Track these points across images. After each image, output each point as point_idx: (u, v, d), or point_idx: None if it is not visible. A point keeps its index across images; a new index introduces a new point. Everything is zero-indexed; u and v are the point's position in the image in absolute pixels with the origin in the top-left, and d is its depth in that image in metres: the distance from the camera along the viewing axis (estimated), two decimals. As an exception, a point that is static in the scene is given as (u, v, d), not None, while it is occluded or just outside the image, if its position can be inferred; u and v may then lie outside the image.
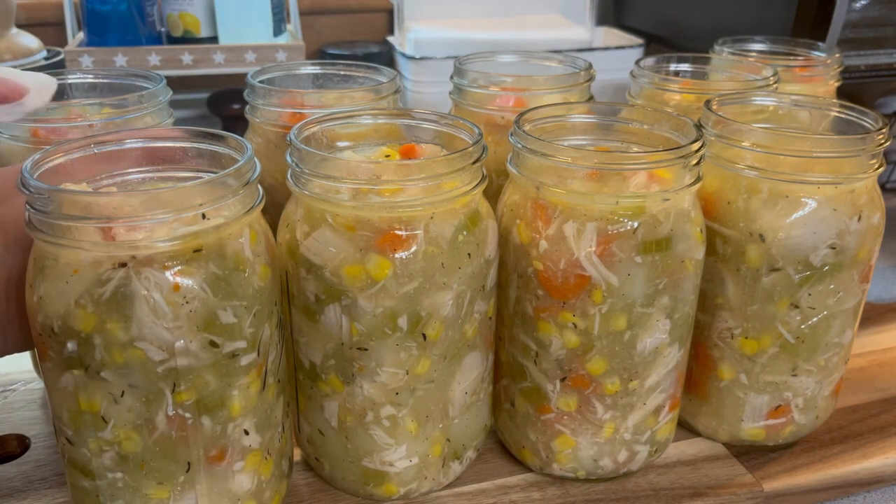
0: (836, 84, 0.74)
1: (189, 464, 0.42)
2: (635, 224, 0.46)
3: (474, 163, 0.45)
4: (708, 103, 0.54)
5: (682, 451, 0.58)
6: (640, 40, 1.15)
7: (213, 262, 0.40)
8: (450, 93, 0.64)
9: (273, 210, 0.49)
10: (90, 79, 0.60)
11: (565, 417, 0.51)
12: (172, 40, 1.05)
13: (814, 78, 0.73)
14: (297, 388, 0.51)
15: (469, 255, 0.46)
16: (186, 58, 1.01)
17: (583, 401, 0.50)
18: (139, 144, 0.44)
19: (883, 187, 0.77)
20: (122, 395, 0.40)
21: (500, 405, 0.56)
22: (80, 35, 1.07)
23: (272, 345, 0.44)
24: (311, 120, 0.49)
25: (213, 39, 1.04)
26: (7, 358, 0.45)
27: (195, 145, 0.45)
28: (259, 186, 0.43)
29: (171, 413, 0.41)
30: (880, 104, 1.00)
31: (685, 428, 0.59)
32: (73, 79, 0.59)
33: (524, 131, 0.48)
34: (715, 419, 0.57)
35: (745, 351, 0.54)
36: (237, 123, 1.16)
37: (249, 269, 0.41)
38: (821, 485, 0.56)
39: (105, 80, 0.60)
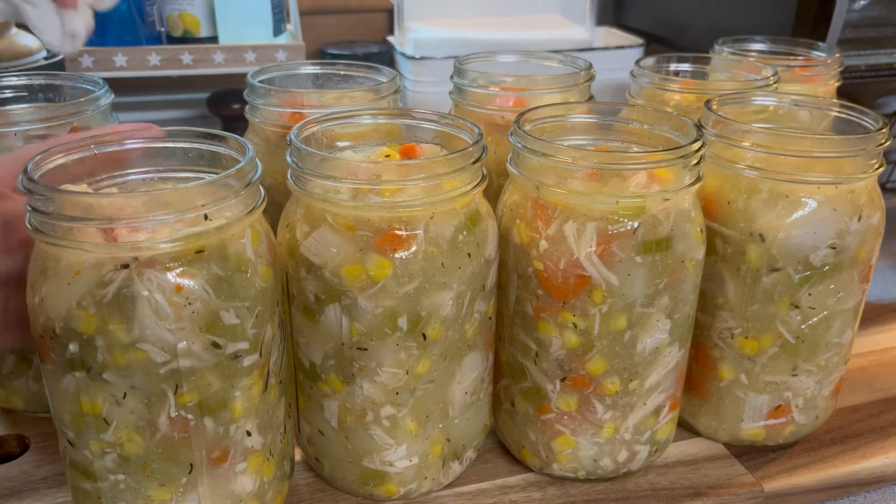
0: (836, 84, 0.74)
1: (191, 465, 0.42)
2: (635, 224, 0.46)
3: (474, 163, 0.45)
4: (708, 103, 0.54)
5: (682, 451, 0.58)
6: (640, 40, 1.14)
7: (216, 263, 0.40)
8: (450, 93, 0.64)
9: (273, 210, 0.49)
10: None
11: (565, 417, 0.51)
12: (172, 40, 1.05)
13: (814, 78, 0.73)
14: (297, 388, 0.51)
15: (469, 255, 0.46)
16: (186, 58, 1.01)
17: (583, 401, 0.50)
18: (139, 145, 0.45)
19: (883, 187, 0.77)
20: (124, 397, 0.40)
21: (500, 405, 0.56)
22: (80, 35, 1.07)
23: (274, 345, 0.44)
24: (311, 120, 0.49)
25: (213, 39, 1.04)
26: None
27: (196, 146, 0.45)
28: (260, 187, 0.43)
29: (173, 414, 0.41)
30: (880, 104, 1.00)
31: (685, 428, 0.59)
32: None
33: (524, 131, 0.48)
34: (715, 419, 0.57)
35: (745, 351, 0.54)
36: (237, 123, 1.16)
37: (251, 270, 0.41)
38: (821, 485, 0.56)
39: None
